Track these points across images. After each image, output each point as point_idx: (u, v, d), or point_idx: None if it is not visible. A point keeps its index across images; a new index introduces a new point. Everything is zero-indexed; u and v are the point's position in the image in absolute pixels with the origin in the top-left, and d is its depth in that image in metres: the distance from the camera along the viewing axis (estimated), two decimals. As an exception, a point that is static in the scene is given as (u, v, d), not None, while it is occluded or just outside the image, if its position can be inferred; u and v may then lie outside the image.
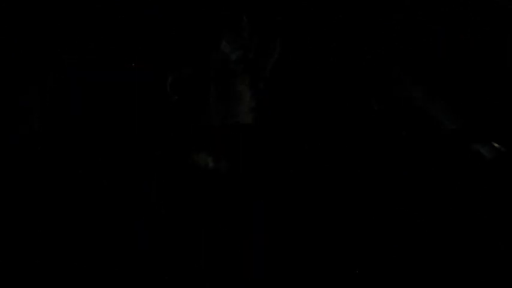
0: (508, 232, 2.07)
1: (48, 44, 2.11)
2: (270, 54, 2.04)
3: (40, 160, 2.07)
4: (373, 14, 2.23)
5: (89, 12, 2.13)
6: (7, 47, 2.09)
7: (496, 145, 2.12)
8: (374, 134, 2.23)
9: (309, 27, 2.21)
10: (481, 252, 2.06)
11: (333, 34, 2.22)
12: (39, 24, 2.11)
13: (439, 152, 2.19)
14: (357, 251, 2.11)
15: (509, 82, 2.17)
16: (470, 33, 2.18)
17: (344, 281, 2.07)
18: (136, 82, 2.12)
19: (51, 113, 2.11)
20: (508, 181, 2.11)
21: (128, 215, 2.06)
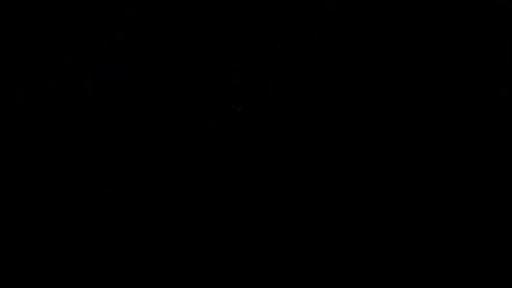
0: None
1: (48, 44, 2.12)
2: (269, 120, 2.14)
3: (40, 160, 2.07)
4: (373, 14, 2.23)
5: (89, 12, 2.13)
6: (7, 47, 2.09)
7: None
8: (373, 134, 2.23)
9: (310, 27, 2.21)
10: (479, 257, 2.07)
11: (333, 34, 2.23)
12: (39, 24, 2.11)
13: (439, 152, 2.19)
14: (358, 251, 2.11)
15: (509, 81, 2.17)
16: (470, 33, 2.18)
17: (344, 281, 2.07)
18: (136, 82, 2.12)
19: (51, 113, 2.11)
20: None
21: (127, 215, 2.06)
